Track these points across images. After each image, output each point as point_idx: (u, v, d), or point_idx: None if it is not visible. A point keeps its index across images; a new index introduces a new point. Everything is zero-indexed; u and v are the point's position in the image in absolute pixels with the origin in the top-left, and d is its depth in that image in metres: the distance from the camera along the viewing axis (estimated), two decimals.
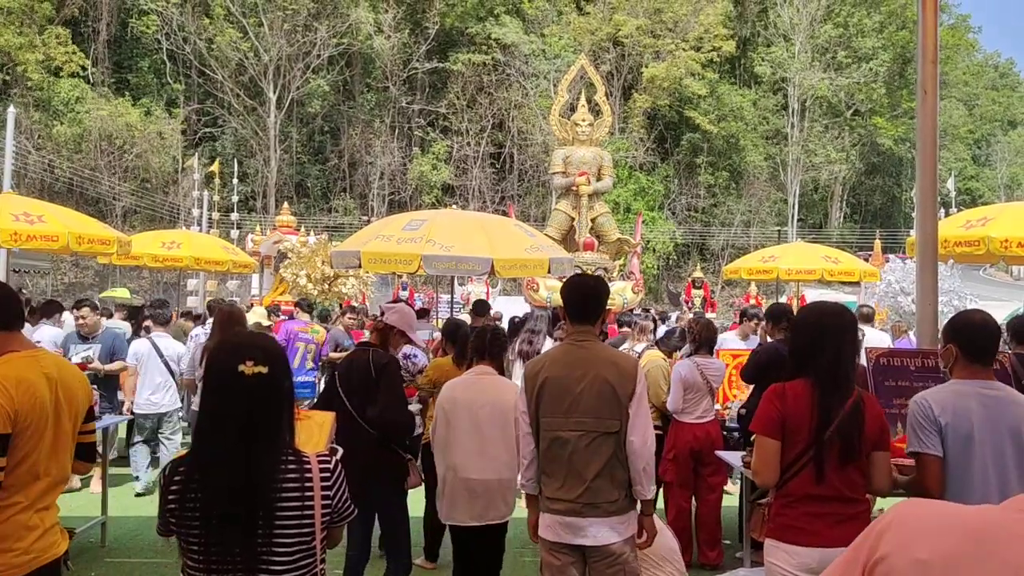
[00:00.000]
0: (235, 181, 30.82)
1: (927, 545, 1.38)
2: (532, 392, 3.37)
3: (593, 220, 19.93)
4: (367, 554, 4.78)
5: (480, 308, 9.47)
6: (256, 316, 10.59)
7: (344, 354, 6.56)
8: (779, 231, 42.40)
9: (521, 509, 3.93)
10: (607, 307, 3.68)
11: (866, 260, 20.58)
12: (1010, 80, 75.07)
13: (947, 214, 20.30)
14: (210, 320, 9.96)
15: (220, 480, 2.12)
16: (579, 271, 18.54)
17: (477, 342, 4.67)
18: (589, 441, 3.26)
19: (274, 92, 39.55)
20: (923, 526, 1.43)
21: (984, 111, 64.54)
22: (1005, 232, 8.15)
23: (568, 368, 3.34)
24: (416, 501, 5.17)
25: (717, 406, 6.57)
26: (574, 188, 19.73)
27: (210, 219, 29.24)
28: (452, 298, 11.51)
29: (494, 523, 4.38)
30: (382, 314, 4.90)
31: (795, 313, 3.48)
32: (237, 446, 2.14)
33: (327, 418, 3.01)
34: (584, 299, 3.51)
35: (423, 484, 5.18)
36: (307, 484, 2.20)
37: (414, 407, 5.36)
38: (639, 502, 3.39)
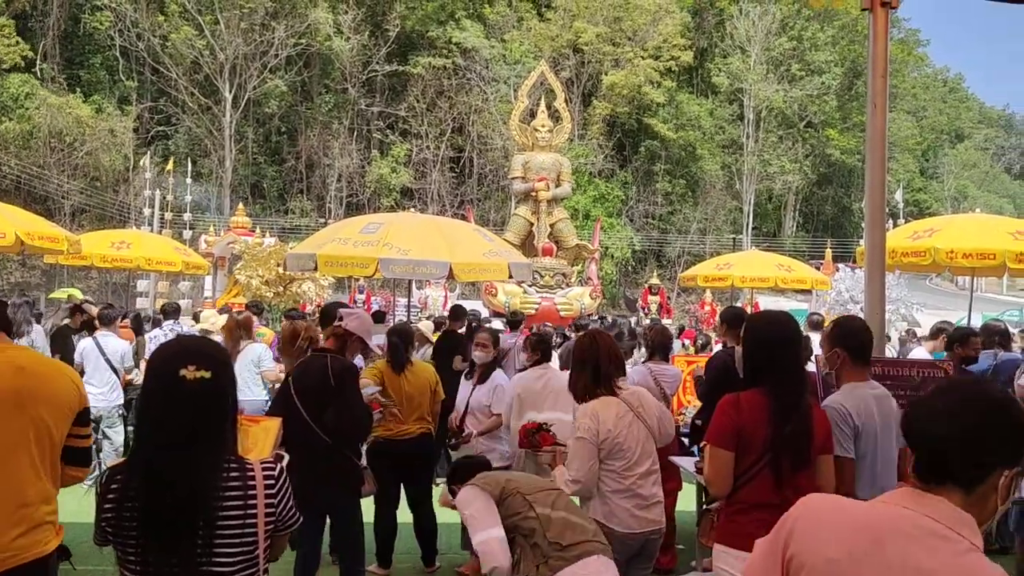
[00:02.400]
0: (188, 181, 30.23)
1: (833, 541, 1.58)
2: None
3: (552, 226, 20.01)
4: (318, 561, 4.73)
5: (457, 312, 9.50)
6: (206, 323, 10.43)
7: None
8: (734, 239, 43.04)
9: None
10: (565, 314, 3.71)
11: (818, 269, 20.98)
12: (958, 94, 77.39)
13: (895, 225, 20.78)
14: (171, 322, 9.78)
15: (159, 487, 2.06)
16: (538, 275, 18.59)
17: (544, 345, 5.57)
18: None
19: (230, 91, 38.97)
20: (828, 524, 1.62)
21: (932, 123, 66.36)
22: (951, 243, 8.39)
23: None
24: (366, 507, 5.13)
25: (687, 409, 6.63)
26: (533, 193, 19.80)
27: (162, 219, 28.70)
28: (409, 302, 11.46)
29: None
30: (340, 319, 4.86)
31: (747, 322, 3.57)
32: (178, 452, 2.08)
33: (273, 424, 2.96)
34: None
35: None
36: (250, 492, 2.14)
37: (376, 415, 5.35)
38: None
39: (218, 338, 9.34)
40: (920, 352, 8.69)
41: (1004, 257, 8.21)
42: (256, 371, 7.16)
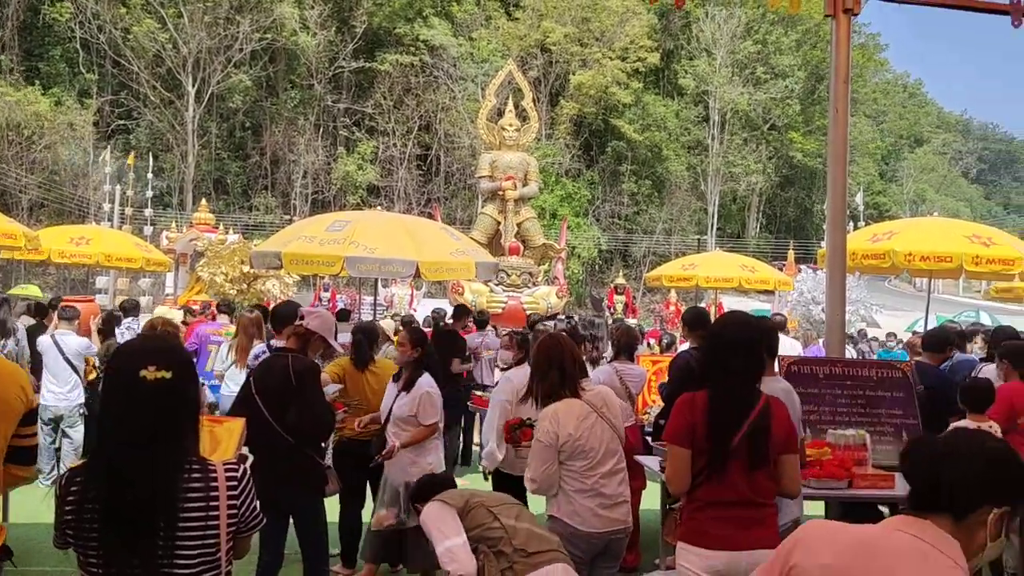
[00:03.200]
0: (150, 176, 29.73)
1: (829, 552, 1.79)
2: None
3: (519, 225, 20.03)
4: (280, 560, 4.71)
5: (459, 311, 9.54)
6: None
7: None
8: (699, 240, 43.46)
9: None
10: (529, 313, 3.74)
11: (780, 270, 21.28)
12: (917, 99, 78.91)
13: (855, 227, 21.16)
14: (130, 319, 9.61)
15: (120, 488, 2.04)
16: (505, 274, 18.59)
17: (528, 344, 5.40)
18: None
19: (193, 85, 38.37)
20: (824, 538, 1.83)
21: (892, 128, 67.61)
22: (909, 246, 8.57)
23: None
24: (331, 506, 5.11)
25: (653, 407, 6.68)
26: (500, 192, 19.80)
27: (122, 215, 28.20)
28: (375, 300, 11.40)
29: None
30: (302, 318, 4.84)
31: (712, 321, 3.72)
32: (138, 453, 2.06)
33: (237, 424, 2.93)
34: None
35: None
36: (212, 493, 2.13)
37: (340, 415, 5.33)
38: None
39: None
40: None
41: (961, 260, 8.40)
42: None
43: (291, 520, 4.76)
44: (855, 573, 1.73)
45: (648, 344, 12.04)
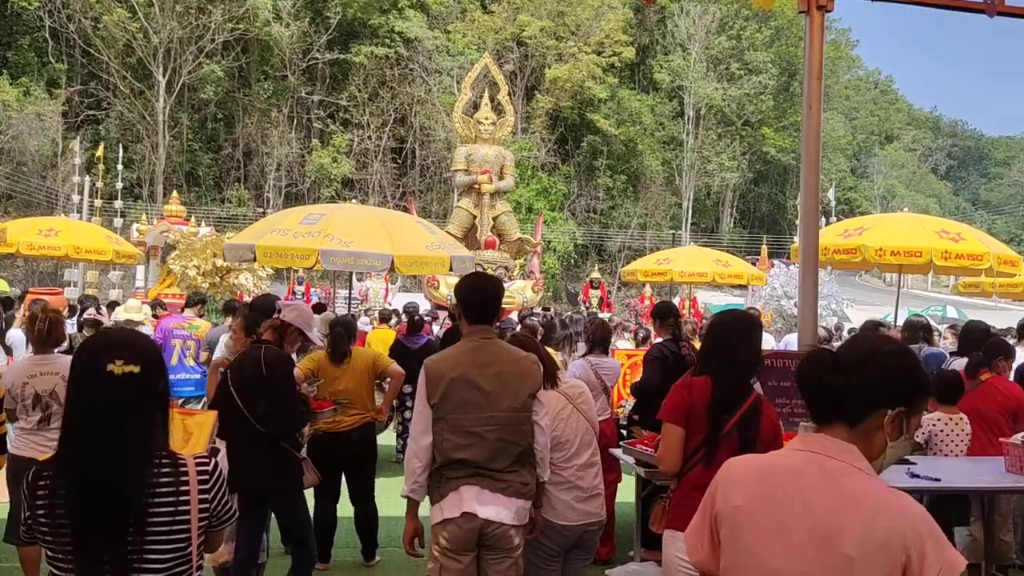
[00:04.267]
0: (120, 167, 29.29)
1: (740, 493, 1.83)
2: (436, 391, 3.35)
3: (495, 219, 20.03)
4: (256, 555, 4.69)
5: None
6: (128, 312, 10.09)
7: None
8: (674, 235, 43.72)
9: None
10: (504, 306, 3.77)
11: (754, 265, 21.46)
12: (888, 96, 79.90)
13: (828, 223, 21.36)
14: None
15: (88, 483, 2.02)
16: (481, 268, 18.63)
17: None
18: (503, 435, 3.32)
19: (164, 75, 37.84)
20: (736, 477, 1.88)
21: (863, 124, 68.39)
22: (880, 241, 8.68)
23: (477, 367, 3.37)
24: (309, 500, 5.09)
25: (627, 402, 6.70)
26: (476, 186, 19.78)
27: (91, 206, 27.78)
28: (350, 294, 11.34)
29: None
30: (278, 311, 4.83)
31: (712, 318, 3.92)
32: (107, 448, 2.04)
33: (208, 418, 2.90)
34: (490, 299, 3.59)
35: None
36: (183, 488, 2.11)
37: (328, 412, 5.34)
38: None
39: (146, 329, 9.10)
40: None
41: (930, 255, 8.53)
42: None
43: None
44: (762, 508, 1.77)
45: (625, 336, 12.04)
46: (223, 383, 4.60)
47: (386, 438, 8.87)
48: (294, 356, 5.09)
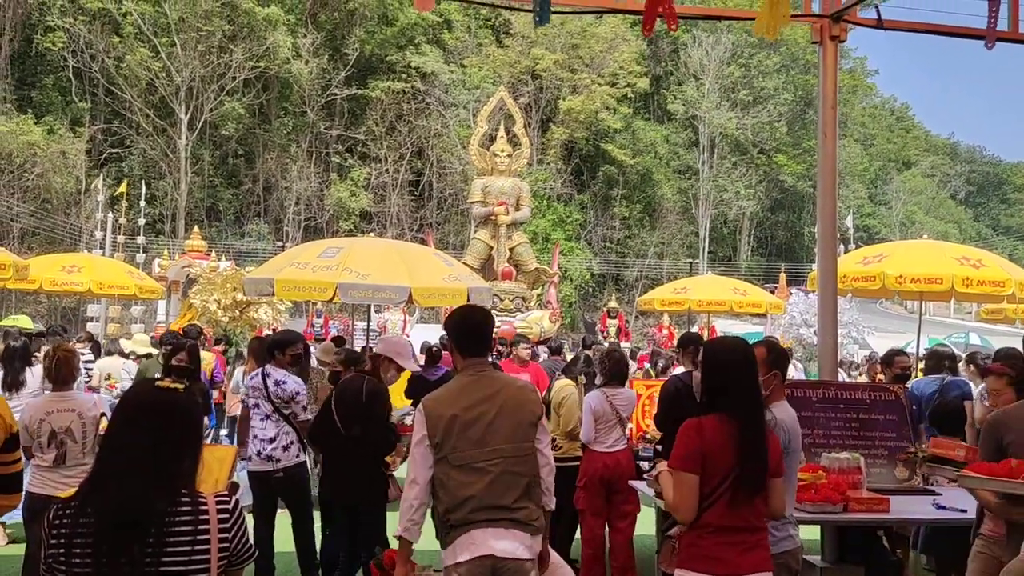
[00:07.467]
0: (142, 203, 29.75)
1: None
2: (437, 430, 3.29)
3: (511, 249, 20.08)
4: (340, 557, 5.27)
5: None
6: (136, 345, 10.14)
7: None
8: (691, 263, 43.59)
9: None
10: (525, 335, 3.77)
11: (772, 293, 21.33)
12: (905, 123, 79.73)
13: (846, 250, 21.25)
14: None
15: (108, 521, 2.03)
16: (498, 299, 18.54)
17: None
18: (508, 468, 3.28)
19: (186, 113, 38.50)
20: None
21: (880, 151, 68.17)
22: (900, 268, 8.60)
23: (476, 401, 3.34)
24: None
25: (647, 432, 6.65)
26: (493, 218, 19.87)
27: (114, 242, 28.14)
28: (368, 326, 11.37)
29: None
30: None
31: (703, 348, 3.69)
32: (133, 480, 2.06)
33: (228, 453, 2.91)
34: (483, 331, 3.57)
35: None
36: (201, 527, 2.11)
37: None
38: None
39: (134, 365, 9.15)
40: None
41: (951, 282, 8.44)
42: None
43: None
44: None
45: (641, 368, 11.99)
46: (326, 405, 5.20)
47: None
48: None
